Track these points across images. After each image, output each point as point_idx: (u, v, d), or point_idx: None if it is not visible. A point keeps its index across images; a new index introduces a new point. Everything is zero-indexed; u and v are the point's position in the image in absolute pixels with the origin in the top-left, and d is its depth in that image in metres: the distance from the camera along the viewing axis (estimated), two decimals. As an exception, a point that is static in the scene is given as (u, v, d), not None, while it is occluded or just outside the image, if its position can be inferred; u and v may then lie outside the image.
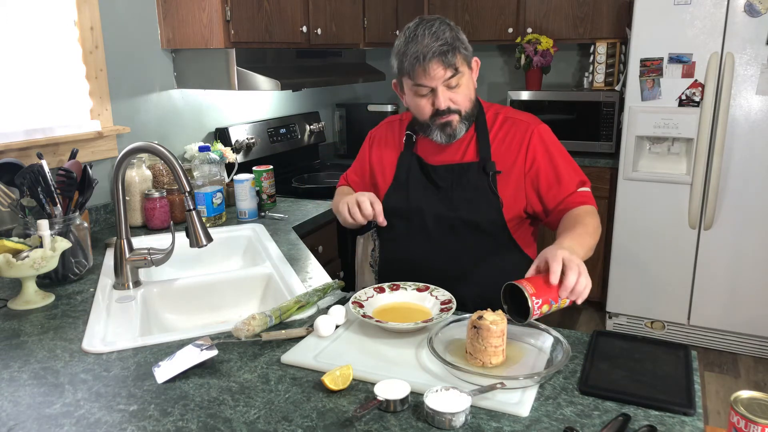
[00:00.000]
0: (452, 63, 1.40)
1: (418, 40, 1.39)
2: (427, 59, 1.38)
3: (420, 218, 1.57)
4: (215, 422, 0.98)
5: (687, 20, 2.89)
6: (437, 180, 1.55)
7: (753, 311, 3.06)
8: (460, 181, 1.53)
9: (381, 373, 1.10)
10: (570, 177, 1.51)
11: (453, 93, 1.44)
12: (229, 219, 2.23)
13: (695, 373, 1.12)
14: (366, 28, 3.08)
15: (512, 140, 1.52)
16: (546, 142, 1.52)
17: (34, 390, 1.08)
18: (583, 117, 3.47)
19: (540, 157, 1.50)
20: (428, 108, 1.46)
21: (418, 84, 1.43)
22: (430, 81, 1.41)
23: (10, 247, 1.45)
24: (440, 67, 1.39)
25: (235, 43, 2.24)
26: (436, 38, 1.38)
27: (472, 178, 1.51)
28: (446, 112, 1.44)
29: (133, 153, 1.48)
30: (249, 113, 2.90)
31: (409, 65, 1.40)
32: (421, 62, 1.38)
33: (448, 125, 1.47)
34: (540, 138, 1.51)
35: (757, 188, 2.94)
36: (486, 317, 1.12)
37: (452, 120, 1.46)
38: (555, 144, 1.54)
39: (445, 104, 1.43)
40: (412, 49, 1.39)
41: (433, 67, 1.39)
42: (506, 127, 1.54)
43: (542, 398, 1.04)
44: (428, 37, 1.38)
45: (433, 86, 1.42)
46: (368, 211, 1.44)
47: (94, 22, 2.08)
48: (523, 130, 1.52)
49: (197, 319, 1.60)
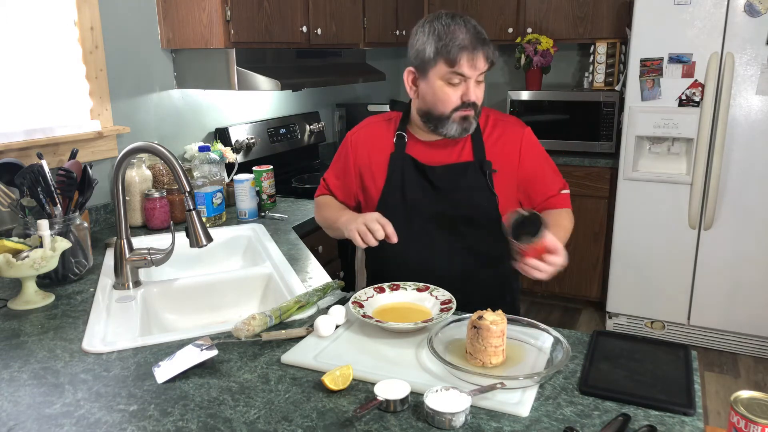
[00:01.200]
0: (492, 57, 1.43)
1: (462, 28, 1.40)
2: (477, 48, 1.40)
3: (420, 219, 1.57)
4: (215, 422, 0.98)
5: (687, 20, 2.89)
6: (435, 180, 1.55)
7: (753, 311, 3.06)
8: (458, 181, 1.54)
9: (381, 373, 1.10)
10: (554, 180, 1.62)
11: (478, 88, 1.47)
12: (229, 219, 2.23)
13: (695, 373, 1.12)
14: (366, 28, 3.08)
15: (506, 142, 1.57)
16: (535, 146, 1.60)
17: (34, 390, 1.08)
18: (583, 117, 3.47)
19: (531, 159, 1.58)
20: (455, 99, 1.45)
21: (456, 72, 1.42)
22: (471, 71, 1.42)
23: (10, 247, 1.45)
24: (483, 58, 1.41)
25: (235, 43, 2.24)
26: (476, 30, 1.42)
27: (471, 178, 1.54)
28: (469, 105, 1.46)
29: (133, 153, 1.48)
30: (249, 113, 2.90)
31: (455, 51, 1.39)
32: (470, 50, 1.39)
33: (466, 119, 1.48)
34: (530, 141, 1.59)
35: (757, 188, 2.94)
36: (486, 317, 1.12)
37: (470, 114, 1.48)
38: (540, 147, 1.63)
39: (475, 96, 1.45)
40: (459, 35, 1.39)
41: (479, 57, 1.41)
42: (499, 129, 1.58)
43: (542, 398, 1.04)
44: (470, 27, 1.41)
45: (470, 76, 1.43)
46: (380, 234, 1.41)
47: (94, 22, 2.08)
48: (515, 133, 1.58)
49: (197, 319, 1.60)
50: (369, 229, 1.42)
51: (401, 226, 1.56)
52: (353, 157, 1.67)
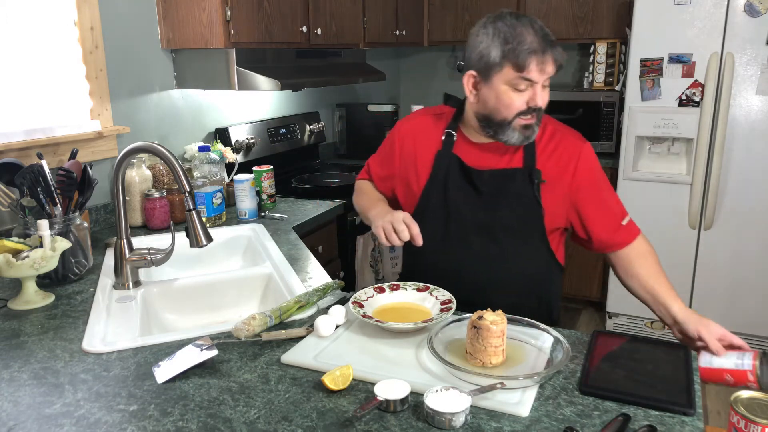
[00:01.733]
0: (560, 60, 1.36)
1: (530, 30, 1.33)
2: (546, 52, 1.33)
3: (458, 222, 1.51)
4: (215, 422, 0.98)
5: (687, 20, 2.89)
6: (479, 184, 1.48)
7: (753, 311, 3.06)
8: (503, 187, 1.47)
9: (381, 373, 1.10)
10: (616, 208, 1.50)
11: (544, 92, 1.39)
12: (229, 219, 2.23)
13: (695, 373, 1.12)
14: (366, 28, 3.08)
15: (561, 154, 1.48)
16: (593, 165, 1.50)
17: (34, 390, 1.08)
18: (583, 117, 3.47)
19: (587, 181, 1.48)
20: (520, 104, 1.38)
21: (524, 77, 1.34)
22: (540, 75, 1.35)
23: (10, 247, 1.45)
24: (552, 62, 1.35)
25: (235, 43, 2.24)
26: (544, 32, 1.35)
27: (517, 185, 1.46)
28: (534, 111, 1.39)
29: (133, 153, 1.48)
30: (249, 113, 2.90)
31: (524, 55, 1.32)
32: (540, 54, 1.32)
33: (528, 127, 1.40)
34: (589, 159, 1.49)
35: (757, 188, 2.94)
36: (486, 317, 1.12)
37: (533, 122, 1.41)
38: (599, 167, 1.52)
39: (544, 102, 1.38)
40: (528, 39, 1.32)
41: (548, 62, 1.34)
42: (556, 140, 1.49)
43: (542, 398, 1.04)
44: (537, 30, 1.34)
45: (537, 81, 1.35)
46: (405, 236, 1.38)
47: (94, 22, 2.08)
48: (573, 146, 1.49)
49: (197, 319, 1.60)
50: (395, 228, 1.39)
51: (439, 228, 1.53)
52: (399, 148, 1.61)
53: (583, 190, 1.48)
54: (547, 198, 1.46)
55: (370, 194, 1.69)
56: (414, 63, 4.36)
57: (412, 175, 1.58)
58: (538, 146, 1.48)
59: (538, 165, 1.47)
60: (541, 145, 1.49)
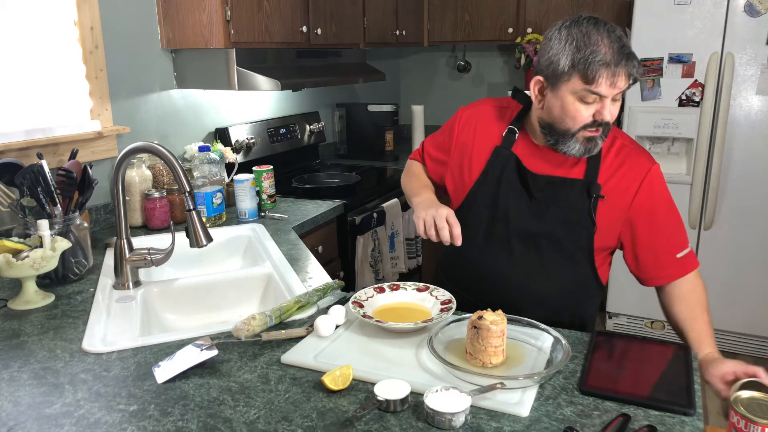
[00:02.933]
0: (635, 74, 1.26)
1: (605, 40, 1.24)
2: (620, 66, 1.23)
3: (504, 226, 1.44)
4: (215, 422, 0.98)
5: (687, 20, 2.89)
6: (534, 189, 1.40)
7: (753, 311, 3.06)
8: (558, 197, 1.40)
9: (381, 373, 1.10)
10: (673, 239, 1.41)
11: (613, 106, 1.30)
12: (229, 219, 2.23)
13: (695, 373, 1.12)
14: (366, 28, 3.08)
15: (626, 172, 1.39)
16: (660, 189, 1.41)
17: (34, 390, 1.08)
18: (583, 117, 3.46)
19: (649, 204, 1.39)
20: (586, 117, 1.29)
21: (593, 90, 1.25)
22: (610, 90, 1.25)
23: (10, 247, 1.45)
24: (624, 78, 1.25)
25: (235, 43, 2.24)
26: (621, 43, 1.25)
27: (573, 197, 1.38)
28: (600, 124, 1.30)
29: (133, 153, 1.48)
30: (249, 113, 2.90)
31: (595, 67, 1.23)
32: (612, 68, 1.23)
33: (592, 140, 1.32)
34: (656, 181, 1.40)
35: (757, 188, 2.94)
36: (486, 317, 1.12)
37: (597, 135, 1.32)
38: (666, 192, 1.43)
39: (610, 115, 1.28)
40: (602, 50, 1.23)
41: (621, 76, 1.24)
42: (622, 156, 1.40)
43: (542, 398, 1.04)
44: (614, 40, 1.24)
45: (607, 95, 1.26)
46: (445, 235, 1.31)
47: (94, 22, 2.08)
48: (640, 165, 1.39)
49: (197, 319, 1.60)
50: (436, 224, 1.34)
51: (482, 228, 1.47)
52: (457, 134, 1.53)
53: (642, 214, 1.39)
54: (602, 215, 1.39)
55: (419, 178, 1.61)
56: (414, 63, 4.36)
57: (465, 166, 1.50)
58: (604, 160, 1.40)
59: (599, 179, 1.38)
60: (608, 159, 1.40)
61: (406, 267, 2.91)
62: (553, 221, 1.40)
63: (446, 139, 1.58)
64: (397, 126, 3.59)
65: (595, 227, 1.39)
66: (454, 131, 1.55)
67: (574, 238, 1.40)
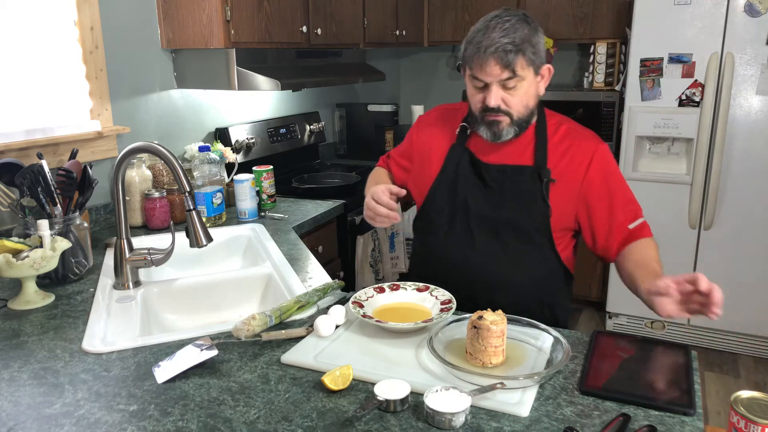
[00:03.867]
0: (511, 64, 1.34)
1: (488, 31, 1.35)
2: (487, 54, 1.33)
3: (464, 216, 1.51)
4: (215, 422, 0.98)
5: (687, 20, 2.89)
6: (488, 179, 1.49)
7: (753, 311, 3.06)
8: (512, 184, 1.47)
9: (381, 373, 1.10)
10: (624, 211, 1.47)
11: (508, 94, 1.39)
12: (229, 219, 2.23)
13: (695, 373, 1.12)
14: (366, 28, 3.08)
15: (575, 154, 1.47)
16: (607, 166, 1.48)
17: (34, 390, 1.08)
18: (583, 117, 3.47)
19: (599, 181, 1.46)
20: (480, 102, 1.41)
21: (474, 75, 1.39)
22: (485, 76, 1.36)
23: (10, 247, 1.45)
24: (497, 65, 1.34)
25: (235, 43, 2.24)
26: (505, 34, 1.33)
27: (525, 182, 1.46)
28: (496, 110, 1.39)
29: (133, 153, 1.48)
30: (249, 113, 2.90)
31: (470, 54, 1.37)
32: (481, 55, 1.34)
33: (495, 124, 1.42)
34: (602, 160, 1.47)
35: (757, 188, 2.94)
36: (486, 317, 1.12)
37: (501, 121, 1.41)
38: (614, 168, 1.49)
39: (495, 103, 1.38)
40: (478, 39, 1.35)
41: (490, 63, 1.34)
42: (569, 140, 1.49)
43: (542, 398, 1.04)
44: (498, 30, 1.34)
45: (488, 81, 1.37)
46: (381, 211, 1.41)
47: (94, 22, 2.08)
48: (587, 146, 1.48)
49: (197, 319, 1.60)
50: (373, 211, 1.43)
51: (444, 222, 1.54)
52: (416, 141, 1.63)
53: (593, 192, 1.46)
54: (555, 197, 1.45)
55: (374, 177, 1.70)
56: (414, 63, 4.36)
57: (425, 167, 1.59)
58: (550, 145, 1.48)
59: (549, 164, 1.46)
60: (553, 143, 1.48)
61: (406, 267, 2.91)
62: (509, 207, 1.48)
63: (408, 147, 1.68)
64: (397, 126, 3.59)
65: (549, 210, 1.45)
66: (413, 138, 1.65)
67: (532, 222, 1.47)
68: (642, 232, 1.47)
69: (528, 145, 1.48)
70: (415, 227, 1.66)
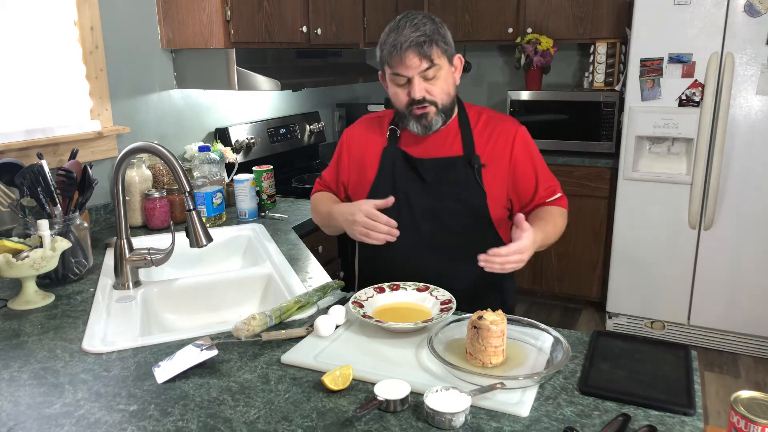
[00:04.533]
0: (428, 54, 1.43)
1: (399, 30, 1.44)
2: (404, 48, 1.42)
3: (408, 210, 1.56)
4: (215, 422, 0.98)
5: (687, 20, 2.89)
6: (423, 173, 1.55)
7: (753, 311, 3.06)
8: (446, 174, 1.55)
9: (381, 373, 1.10)
10: (546, 181, 1.59)
11: (429, 84, 1.47)
12: (229, 219, 2.23)
13: (695, 373, 1.12)
14: (366, 28, 3.08)
15: (498, 138, 1.56)
16: (528, 145, 1.59)
17: (34, 390, 1.08)
18: (583, 117, 3.47)
19: (522, 159, 1.57)
20: (405, 97, 1.48)
21: (395, 73, 1.46)
22: (406, 70, 1.44)
23: (10, 247, 1.45)
24: (416, 57, 1.42)
25: (235, 43, 2.24)
26: (415, 29, 1.42)
27: (459, 171, 1.54)
28: (422, 102, 1.47)
29: (133, 153, 1.48)
30: (249, 113, 2.90)
31: (388, 53, 1.45)
32: (399, 51, 1.42)
33: (424, 116, 1.49)
34: (523, 139, 1.58)
35: (757, 188, 2.94)
36: (486, 317, 1.12)
37: (428, 111, 1.49)
38: (534, 147, 1.61)
39: (420, 94, 1.46)
40: (392, 38, 1.44)
41: (409, 57, 1.42)
42: (491, 126, 1.58)
43: (542, 398, 1.04)
44: (408, 28, 1.43)
45: (409, 75, 1.45)
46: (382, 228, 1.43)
47: (94, 22, 2.08)
48: (507, 129, 1.58)
49: (197, 319, 1.60)
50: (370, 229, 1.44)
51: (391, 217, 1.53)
52: (347, 153, 1.69)
53: (519, 169, 1.56)
54: (489, 181, 1.54)
55: (325, 199, 1.72)
56: (414, 63, 4.35)
57: (362, 174, 1.64)
58: (474, 133, 1.57)
59: (477, 151, 1.55)
60: (477, 131, 1.57)
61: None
62: (447, 197, 1.55)
63: (337, 161, 1.72)
64: (397, 126, 3.59)
65: (485, 194, 1.54)
66: (343, 152, 1.70)
67: (471, 208, 1.55)
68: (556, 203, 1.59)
69: (455, 137, 1.57)
70: None
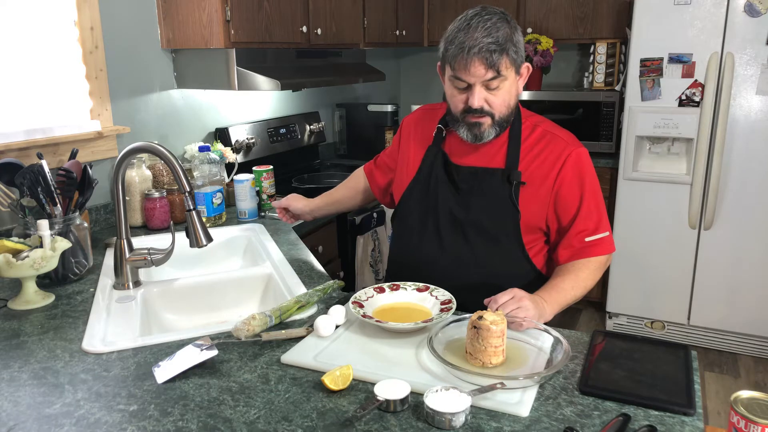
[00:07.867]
0: (496, 64, 1.32)
1: (470, 31, 1.32)
2: (471, 54, 1.30)
3: (434, 217, 1.52)
4: (215, 422, 0.98)
5: (687, 20, 2.89)
6: (458, 181, 1.49)
7: (753, 311, 3.06)
8: (480, 186, 1.47)
9: (381, 373, 1.10)
10: (589, 217, 1.44)
11: (491, 94, 1.37)
12: (229, 219, 2.23)
13: (695, 373, 1.12)
14: (366, 28, 3.08)
15: (547, 156, 1.44)
16: (582, 170, 1.44)
17: (34, 390, 1.08)
18: (583, 117, 3.47)
19: (569, 183, 1.43)
20: (461, 103, 1.39)
21: (456, 76, 1.36)
22: (469, 77, 1.34)
23: (10, 247, 1.45)
24: (482, 66, 1.31)
25: (235, 43, 2.24)
26: (488, 33, 1.31)
27: (494, 185, 1.45)
28: (478, 112, 1.37)
29: (133, 153, 1.48)
30: (249, 113, 2.90)
31: (452, 55, 1.33)
32: (464, 55, 1.31)
33: (477, 126, 1.40)
34: (577, 162, 1.43)
35: (757, 188, 2.94)
36: (486, 317, 1.12)
37: (483, 122, 1.39)
38: (589, 174, 1.45)
39: (479, 104, 1.36)
40: (460, 38, 1.32)
41: (475, 64, 1.31)
42: (544, 141, 1.46)
43: (542, 398, 1.04)
44: (481, 30, 1.31)
45: (471, 82, 1.35)
46: None
47: (94, 22, 2.08)
48: (561, 148, 1.44)
49: (197, 319, 1.60)
50: None
51: (416, 223, 1.55)
52: (402, 141, 1.64)
53: (563, 195, 1.44)
54: (525, 200, 1.44)
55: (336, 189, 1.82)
56: (414, 63, 4.36)
57: (404, 171, 1.61)
58: (523, 147, 1.46)
59: (521, 166, 1.44)
60: (526, 145, 1.46)
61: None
62: (477, 209, 1.47)
63: (395, 149, 1.69)
64: (397, 126, 3.59)
65: (519, 213, 1.44)
66: (401, 140, 1.66)
67: (499, 224, 1.46)
68: (593, 249, 1.44)
69: (501, 147, 1.47)
70: (393, 229, 1.69)
